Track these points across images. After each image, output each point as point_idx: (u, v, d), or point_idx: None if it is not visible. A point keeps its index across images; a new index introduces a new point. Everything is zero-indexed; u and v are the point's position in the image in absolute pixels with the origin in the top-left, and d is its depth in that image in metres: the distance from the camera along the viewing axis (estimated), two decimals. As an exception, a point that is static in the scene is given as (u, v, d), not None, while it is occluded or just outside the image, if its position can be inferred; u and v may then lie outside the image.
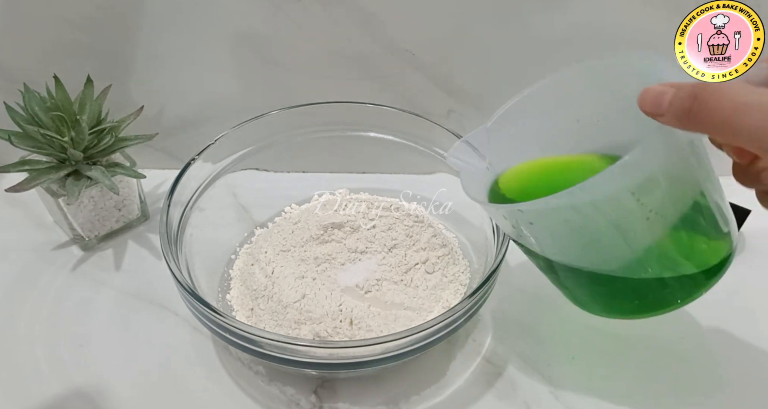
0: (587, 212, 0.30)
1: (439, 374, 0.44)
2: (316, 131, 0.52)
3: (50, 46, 0.51)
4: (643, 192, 0.29)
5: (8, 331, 0.46)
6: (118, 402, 0.42)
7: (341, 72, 0.54)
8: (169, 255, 0.40)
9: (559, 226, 0.32)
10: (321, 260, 0.46)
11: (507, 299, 0.48)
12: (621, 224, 0.31)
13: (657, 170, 0.29)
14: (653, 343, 0.46)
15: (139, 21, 0.50)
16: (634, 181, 0.29)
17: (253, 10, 0.50)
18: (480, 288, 0.38)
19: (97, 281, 0.50)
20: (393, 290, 0.45)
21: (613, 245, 0.32)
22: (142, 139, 0.50)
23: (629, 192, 0.29)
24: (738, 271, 0.52)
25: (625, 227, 0.31)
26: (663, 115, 0.26)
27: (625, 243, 0.32)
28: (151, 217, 0.55)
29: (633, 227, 0.31)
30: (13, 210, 0.55)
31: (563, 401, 0.42)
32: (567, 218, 0.30)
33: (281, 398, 0.42)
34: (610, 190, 0.29)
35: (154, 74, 0.54)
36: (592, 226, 0.31)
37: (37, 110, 0.46)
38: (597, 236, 0.32)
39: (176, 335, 0.46)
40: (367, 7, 0.49)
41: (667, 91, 0.26)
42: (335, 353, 0.36)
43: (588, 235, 0.32)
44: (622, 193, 0.29)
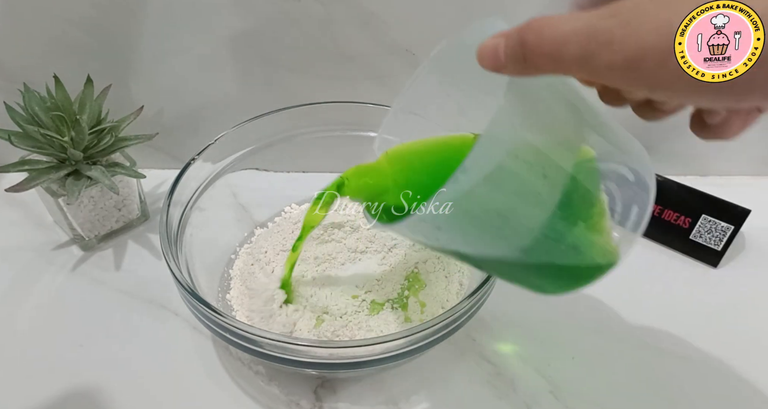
0: (483, 193, 0.28)
1: (439, 374, 0.44)
2: (316, 131, 0.52)
3: (50, 46, 0.51)
4: (522, 151, 0.28)
5: (8, 331, 0.46)
6: (118, 402, 0.42)
7: (341, 72, 0.54)
8: (169, 255, 0.40)
9: (467, 220, 0.29)
10: (321, 260, 0.46)
11: (507, 299, 0.48)
12: (521, 191, 0.29)
13: (524, 126, 0.27)
14: (653, 343, 0.46)
15: (139, 21, 0.50)
16: (507, 144, 0.27)
17: (252, 10, 0.50)
18: (480, 288, 0.38)
19: (97, 281, 0.50)
20: (393, 289, 0.45)
21: (525, 214, 0.30)
22: (142, 139, 0.50)
23: (510, 156, 0.27)
24: (738, 270, 0.52)
25: (527, 192, 0.29)
26: (504, 66, 0.25)
27: (535, 208, 0.30)
28: (151, 217, 0.55)
29: (535, 189, 0.29)
30: (13, 210, 0.55)
31: (563, 401, 0.42)
32: (468, 208, 0.28)
33: (281, 398, 0.42)
34: (493, 161, 0.27)
35: (154, 74, 0.54)
36: (495, 204, 0.29)
37: (37, 110, 0.46)
38: (504, 213, 0.29)
39: (176, 335, 0.46)
40: (367, 7, 0.49)
41: (499, 42, 0.25)
42: (335, 353, 0.36)
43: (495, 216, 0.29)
44: (505, 160, 0.27)
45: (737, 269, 0.52)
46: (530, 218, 0.29)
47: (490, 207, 0.28)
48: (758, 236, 0.54)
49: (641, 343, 0.46)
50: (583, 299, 0.49)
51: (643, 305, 0.49)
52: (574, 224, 0.30)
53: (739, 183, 0.59)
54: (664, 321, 0.48)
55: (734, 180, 0.60)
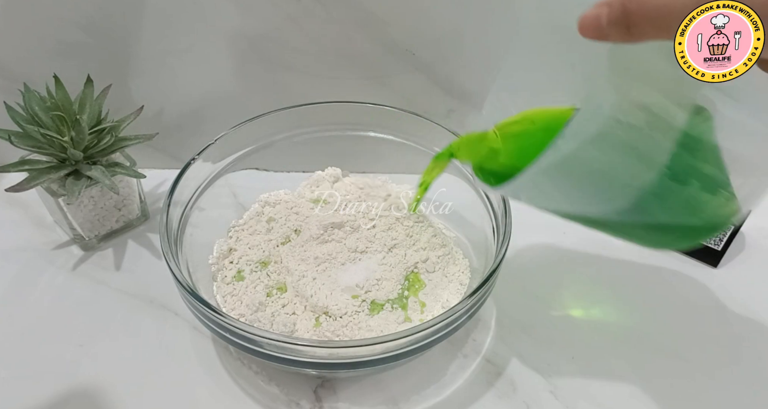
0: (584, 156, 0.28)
1: (439, 374, 0.44)
2: (316, 131, 0.52)
3: (50, 46, 0.51)
4: (626, 113, 0.28)
5: (8, 331, 0.46)
6: (118, 402, 0.42)
7: (341, 72, 0.54)
8: (169, 255, 0.40)
9: (569, 182, 0.30)
10: (321, 260, 0.46)
11: (507, 299, 0.48)
12: (626, 153, 0.29)
13: (628, 86, 0.28)
14: (653, 343, 0.46)
15: (139, 21, 0.50)
16: (608, 108, 0.27)
17: (253, 10, 0.50)
18: (480, 288, 0.38)
19: (97, 281, 0.50)
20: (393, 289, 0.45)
21: (630, 174, 0.30)
22: (142, 139, 0.50)
23: (613, 119, 0.28)
24: (738, 270, 0.52)
25: (632, 153, 0.29)
26: (608, 34, 0.26)
27: (641, 168, 0.30)
28: (151, 217, 0.55)
29: (641, 149, 0.29)
30: (13, 210, 0.55)
31: (563, 401, 0.42)
32: (570, 170, 0.29)
33: (281, 398, 0.42)
34: (593, 126, 0.27)
35: (154, 74, 0.54)
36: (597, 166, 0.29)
37: (37, 110, 0.46)
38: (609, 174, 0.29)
39: (176, 335, 0.46)
40: (367, 7, 0.49)
41: (601, 11, 0.26)
42: (335, 353, 0.36)
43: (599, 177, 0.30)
44: (607, 124, 0.28)
45: (737, 269, 0.52)
46: (636, 178, 0.30)
47: (593, 169, 0.29)
48: (758, 236, 0.54)
49: (641, 343, 0.46)
50: (583, 299, 0.49)
51: (643, 305, 0.49)
52: (685, 183, 0.30)
53: (739, 183, 0.59)
54: (664, 321, 0.48)
55: (734, 180, 0.60)
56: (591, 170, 0.29)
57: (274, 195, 0.52)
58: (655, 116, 0.29)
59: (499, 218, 0.43)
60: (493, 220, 0.45)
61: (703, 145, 0.30)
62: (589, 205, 0.31)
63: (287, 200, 0.52)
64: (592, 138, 0.27)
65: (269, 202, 0.51)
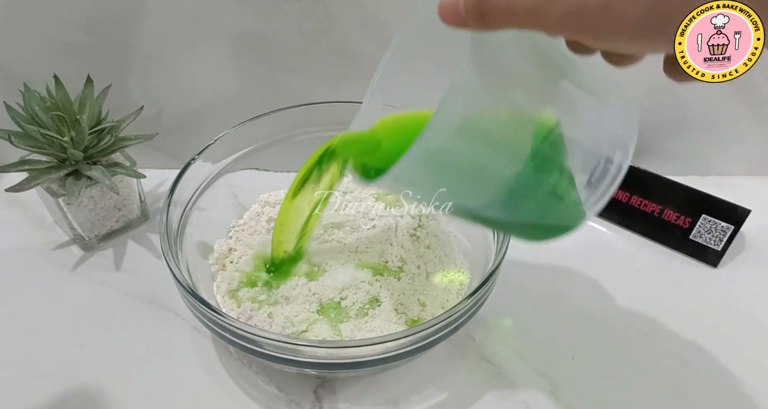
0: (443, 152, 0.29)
1: (439, 374, 0.44)
2: (316, 131, 0.52)
3: (50, 46, 0.51)
4: (480, 114, 0.28)
5: (8, 331, 0.46)
6: (118, 402, 0.42)
7: (341, 72, 0.54)
8: (169, 255, 0.40)
9: (435, 176, 0.30)
10: (321, 260, 0.46)
11: (507, 299, 0.48)
12: (480, 151, 0.30)
13: (485, 86, 0.28)
14: (653, 343, 0.46)
15: (139, 21, 0.50)
16: (464, 105, 0.28)
17: (253, 10, 0.50)
18: (480, 288, 0.38)
19: (97, 281, 0.50)
20: (393, 290, 0.45)
21: (484, 174, 0.31)
22: (142, 139, 0.50)
23: (467, 119, 0.28)
24: (738, 270, 0.52)
25: (484, 153, 0.30)
26: (465, 21, 0.26)
27: (493, 168, 0.30)
28: (151, 217, 0.55)
29: (492, 151, 0.30)
30: (13, 210, 0.55)
31: (563, 401, 0.42)
32: (433, 165, 0.29)
33: (281, 398, 0.42)
34: (452, 122, 0.27)
35: (154, 74, 0.54)
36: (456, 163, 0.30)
37: (37, 110, 0.46)
38: (481, 159, 0.30)
39: (176, 335, 0.46)
40: (367, 7, 0.49)
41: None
42: (335, 353, 0.36)
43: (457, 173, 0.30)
44: (463, 120, 0.28)
45: (737, 269, 0.52)
46: (499, 171, 0.30)
47: (451, 165, 0.30)
48: (758, 236, 0.54)
49: (641, 343, 0.46)
50: (583, 299, 0.49)
51: (643, 305, 0.49)
52: (539, 184, 0.31)
53: (739, 183, 0.59)
54: (664, 321, 0.48)
55: (734, 180, 0.60)
56: (458, 162, 0.30)
57: (274, 195, 0.52)
58: (516, 109, 0.29)
59: (499, 218, 0.43)
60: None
61: (555, 153, 0.31)
62: (461, 198, 0.32)
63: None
64: (457, 128, 0.28)
65: (269, 202, 0.51)
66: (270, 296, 0.44)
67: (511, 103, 0.29)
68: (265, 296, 0.44)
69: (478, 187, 0.31)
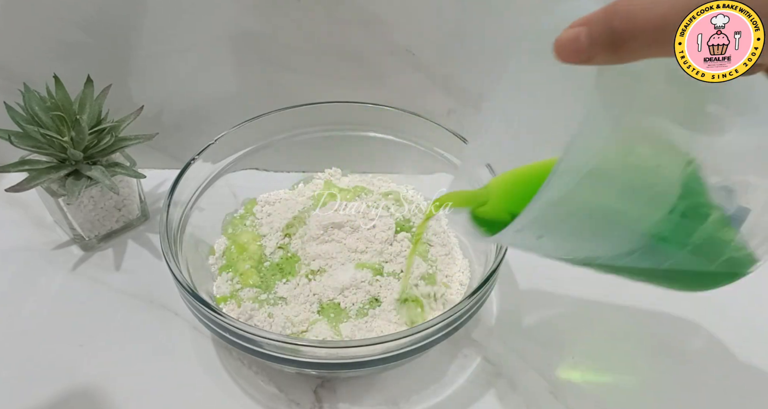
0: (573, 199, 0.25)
1: (439, 374, 0.44)
2: (316, 131, 0.52)
3: (50, 46, 0.51)
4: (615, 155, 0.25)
5: (8, 331, 0.46)
6: (118, 402, 0.42)
7: (341, 72, 0.54)
8: (169, 255, 0.40)
9: (563, 226, 0.27)
10: (321, 260, 0.46)
11: (507, 299, 0.48)
12: (633, 180, 0.26)
13: (620, 120, 0.25)
14: (654, 343, 0.46)
15: (139, 21, 0.50)
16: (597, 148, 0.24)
17: (253, 10, 0.50)
18: (480, 288, 0.38)
19: (97, 281, 0.50)
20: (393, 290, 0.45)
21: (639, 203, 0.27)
22: (142, 139, 0.50)
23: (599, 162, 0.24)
24: (738, 271, 0.52)
25: (638, 182, 0.26)
26: (591, 57, 0.23)
27: (651, 194, 0.27)
28: (151, 217, 0.55)
29: (645, 179, 0.26)
30: (13, 210, 0.55)
31: (563, 401, 0.42)
32: (560, 214, 0.26)
33: (281, 398, 0.42)
34: (581, 168, 0.24)
35: (154, 74, 0.54)
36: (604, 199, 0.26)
37: (37, 110, 0.46)
38: (614, 205, 0.27)
39: (176, 335, 0.46)
40: (367, 7, 0.49)
41: (580, 30, 0.23)
42: (335, 353, 0.36)
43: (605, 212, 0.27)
44: (595, 165, 0.24)
45: (737, 269, 0.52)
46: (639, 220, 0.27)
47: (592, 209, 0.27)
48: (758, 236, 0.54)
49: (641, 343, 0.46)
50: (583, 299, 0.49)
51: (643, 304, 0.49)
52: (684, 235, 0.28)
53: (739, 183, 0.59)
54: (664, 321, 0.48)
55: (734, 180, 0.60)
56: (590, 211, 0.27)
57: (274, 195, 0.52)
58: (659, 149, 0.26)
59: (499, 218, 0.43)
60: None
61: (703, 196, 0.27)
62: (595, 250, 0.29)
63: (287, 200, 0.52)
64: (588, 174, 0.25)
65: (269, 202, 0.51)
66: (270, 296, 0.44)
67: (651, 138, 0.26)
68: (265, 296, 0.44)
69: (615, 237, 0.28)
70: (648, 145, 0.26)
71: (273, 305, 0.44)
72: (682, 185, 0.27)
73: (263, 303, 0.44)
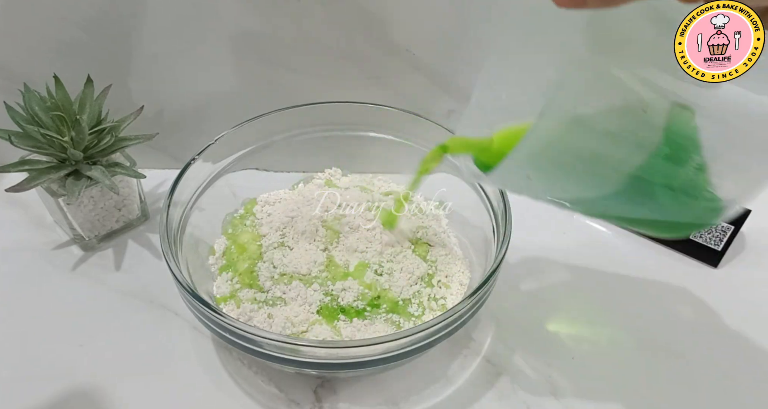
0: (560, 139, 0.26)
1: (439, 374, 0.44)
2: (316, 131, 0.52)
3: (50, 46, 0.51)
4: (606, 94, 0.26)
5: (8, 331, 0.46)
6: (118, 402, 0.42)
7: (341, 72, 0.54)
8: (169, 255, 0.40)
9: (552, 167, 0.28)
10: (321, 260, 0.46)
11: (507, 299, 0.48)
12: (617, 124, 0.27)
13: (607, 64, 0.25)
14: (653, 343, 0.46)
15: (139, 21, 0.50)
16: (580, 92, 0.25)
17: (253, 10, 0.50)
18: (480, 288, 0.38)
19: (97, 281, 0.50)
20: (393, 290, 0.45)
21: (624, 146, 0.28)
22: (142, 139, 0.50)
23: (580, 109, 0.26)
24: (738, 270, 0.52)
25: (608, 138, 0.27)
26: (585, 0, 0.23)
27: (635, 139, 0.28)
28: (151, 217, 0.55)
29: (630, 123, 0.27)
30: (13, 210, 0.55)
31: (563, 401, 0.42)
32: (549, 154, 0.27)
33: (281, 398, 0.42)
34: (568, 109, 0.25)
35: (154, 74, 0.54)
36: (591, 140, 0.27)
37: (37, 110, 0.46)
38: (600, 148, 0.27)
39: (176, 335, 0.46)
40: (367, 7, 0.49)
41: None
42: (335, 353, 0.36)
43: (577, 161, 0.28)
44: (579, 109, 0.26)
45: (737, 269, 0.52)
46: (612, 167, 0.28)
47: (577, 152, 0.27)
48: (758, 236, 0.54)
49: (641, 343, 0.46)
50: (583, 299, 0.49)
51: (643, 305, 0.49)
52: (663, 181, 0.29)
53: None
54: (664, 321, 0.48)
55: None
56: (575, 154, 0.28)
57: (274, 195, 0.52)
58: (643, 94, 0.27)
59: (499, 218, 0.43)
60: (493, 220, 0.45)
61: (685, 141, 0.28)
62: (581, 191, 0.30)
63: (287, 200, 0.52)
64: (572, 119, 0.26)
65: (269, 202, 0.51)
66: (270, 296, 0.44)
67: (635, 84, 0.26)
68: (265, 296, 0.44)
69: (600, 179, 0.29)
70: (632, 91, 0.26)
71: (272, 306, 0.44)
72: (665, 129, 0.27)
73: (263, 304, 0.44)
